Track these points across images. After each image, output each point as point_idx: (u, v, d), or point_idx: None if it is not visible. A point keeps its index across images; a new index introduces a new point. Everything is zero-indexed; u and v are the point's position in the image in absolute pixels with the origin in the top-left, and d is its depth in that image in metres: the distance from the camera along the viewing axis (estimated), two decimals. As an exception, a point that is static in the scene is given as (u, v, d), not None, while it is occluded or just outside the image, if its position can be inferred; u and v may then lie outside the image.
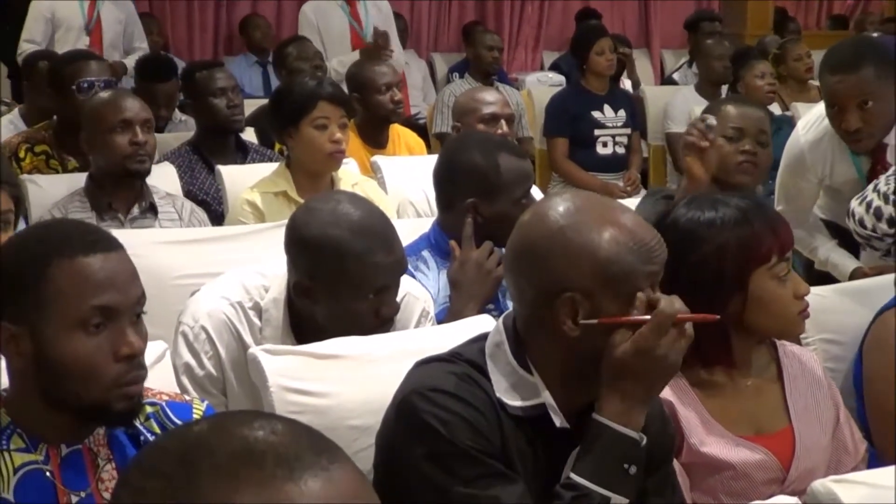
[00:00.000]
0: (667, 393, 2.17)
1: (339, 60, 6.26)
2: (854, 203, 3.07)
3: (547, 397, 1.83)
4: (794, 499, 1.88)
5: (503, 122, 4.03)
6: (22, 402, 1.75)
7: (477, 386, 1.84)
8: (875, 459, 2.38)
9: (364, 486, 0.98)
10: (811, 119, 3.67)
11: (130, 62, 6.22)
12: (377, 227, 2.38)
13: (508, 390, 1.84)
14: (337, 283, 2.35)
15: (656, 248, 1.81)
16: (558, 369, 1.83)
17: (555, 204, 1.84)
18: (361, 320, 2.36)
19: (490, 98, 4.13)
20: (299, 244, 2.40)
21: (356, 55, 6.11)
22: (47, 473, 1.74)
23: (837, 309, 2.68)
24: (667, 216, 2.29)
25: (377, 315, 2.38)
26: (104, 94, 3.75)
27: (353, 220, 2.36)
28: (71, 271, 1.69)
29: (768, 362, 2.31)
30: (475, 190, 2.92)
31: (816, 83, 6.97)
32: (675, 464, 2.12)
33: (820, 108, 3.60)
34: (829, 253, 3.71)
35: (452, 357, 1.90)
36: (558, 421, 1.83)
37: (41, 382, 1.72)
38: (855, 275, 3.57)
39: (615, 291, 1.78)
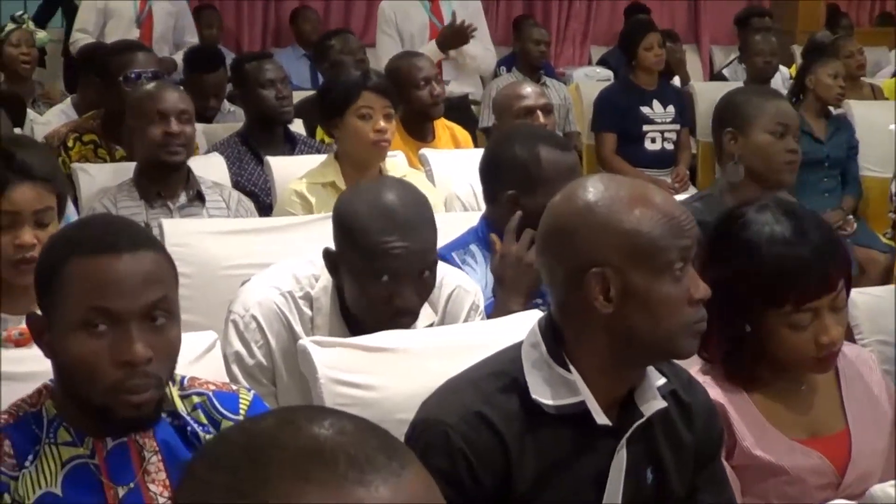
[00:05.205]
0: (719, 395, 2.14)
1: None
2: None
3: (586, 394, 1.80)
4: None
5: (539, 113, 4.00)
6: (65, 396, 1.74)
7: (504, 396, 1.81)
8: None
9: (433, 493, 0.95)
10: None
11: (180, 58, 6.23)
12: (401, 212, 2.36)
13: (545, 390, 1.81)
14: (351, 258, 2.36)
15: (685, 223, 1.79)
16: (597, 359, 1.81)
17: (584, 184, 1.84)
18: (375, 305, 2.35)
19: (523, 92, 4.10)
20: (333, 216, 2.44)
21: (431, 45, 5.97)
22: (93, 467, 1.73)
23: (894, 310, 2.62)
24: (738, 216, 2.22)
25: (390, 304, 2.35)
26: (146, 87, 3.77)
27: (378, 200, 2.36)
28: (78, 270, 1.67)
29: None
30: (516, 183, 2.89)
31: (869, 80, 6.94)
32: (727, 467, 2.08)
33: None
34: None
35: (478, 374, 1.87)
36: (599, 418, 1.80)
37: (61, 377, 1.72)
38: None
39: (646, 265, 1.76)
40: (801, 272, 2.09)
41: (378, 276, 2.32)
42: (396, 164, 3.94)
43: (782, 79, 7.12)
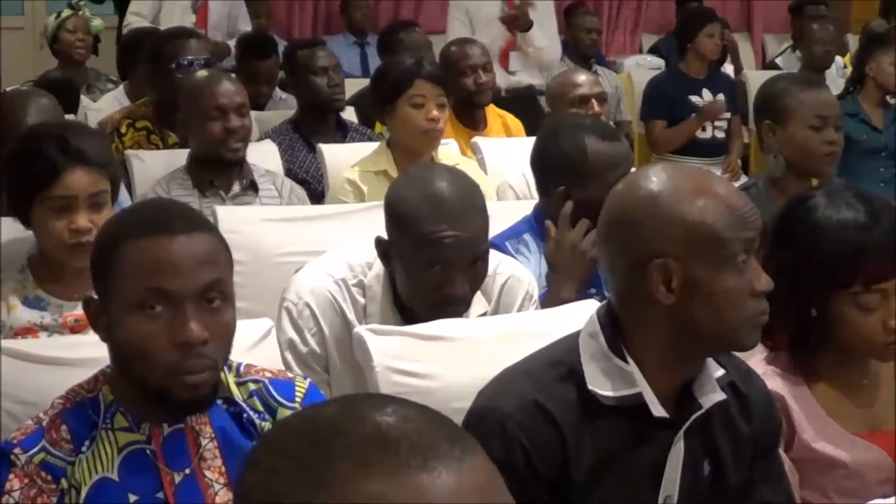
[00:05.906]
0: (779, 386, 2.11)
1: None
2: None
3: (643, 386, 1.79)
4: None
5: (594, 101, 3.99)
6: (121, 380, 1.75)
7: (561, 386, 1.80)
8: None
9: (496, 481, 0.95)
10: None
11: (232, 46, 6.25)
12: (451, 200, 2.34)
13: (602, 380, 1.80)
14: (401, 247, 2.35)
15: (749, 214, 1.77)
16: (657, 350, 1.79)
17: (647, 173, 1.83)
18: (424, 293, 2.34)
19: (578, 80, 4.09)
20: (384, 204, 2.43)
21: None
22: (149, 453, 1.74)
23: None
24: (807, 200, 2.19)
25: (440, 292, 2.33)
26: (200, 77, 3.76)
27: (428, 187, 2.35)
28: (134, 251, 1.69)
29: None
30: (565, 178, 2.86)
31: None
32: (785, 459, 2.06)
33: None
34: None
35: (535, 364, 1.85)
36: (656, 410, 1.78)
37: (117, 361, 1.73)
38: None
39: (708, 256, 1.74)
40: (871, 251, 2.06)
41: (429, 264, 2.31)
42: (448, 152, 3.93)
43: (836, 68, 7.04)
